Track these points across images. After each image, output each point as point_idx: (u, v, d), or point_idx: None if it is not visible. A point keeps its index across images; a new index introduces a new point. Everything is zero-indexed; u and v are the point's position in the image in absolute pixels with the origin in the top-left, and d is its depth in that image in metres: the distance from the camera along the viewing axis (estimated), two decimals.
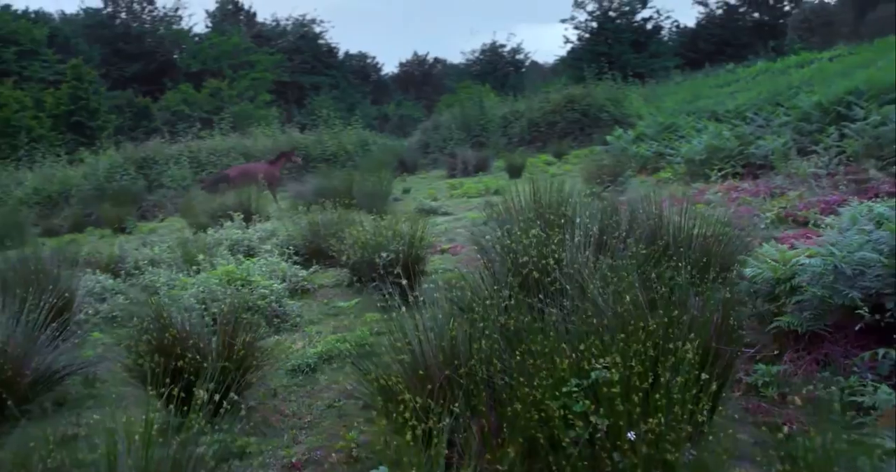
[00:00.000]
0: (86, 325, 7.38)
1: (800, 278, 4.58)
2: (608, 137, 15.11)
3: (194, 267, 8.15)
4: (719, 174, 10.49)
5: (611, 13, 48.09)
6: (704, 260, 5.05)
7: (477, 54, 59.47)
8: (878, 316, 4.24)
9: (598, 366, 3.15)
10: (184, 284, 7.84)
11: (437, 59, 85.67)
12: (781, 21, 53.15)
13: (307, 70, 49.42)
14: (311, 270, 8.15)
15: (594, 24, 48.24)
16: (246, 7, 50.50)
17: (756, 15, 54.84)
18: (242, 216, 10.82)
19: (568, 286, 4.09)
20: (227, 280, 7.40)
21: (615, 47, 45.75)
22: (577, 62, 48.20)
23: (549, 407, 3.11)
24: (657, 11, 48.59)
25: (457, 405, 3.32)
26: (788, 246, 4.99)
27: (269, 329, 6.41)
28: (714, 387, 3.32)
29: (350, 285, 7.88)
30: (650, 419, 2.91)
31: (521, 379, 3.16)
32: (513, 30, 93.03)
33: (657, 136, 13.90)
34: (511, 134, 22.83)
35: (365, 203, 11.80)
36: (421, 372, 3.62)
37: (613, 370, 3.09)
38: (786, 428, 3.92)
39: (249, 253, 9.25)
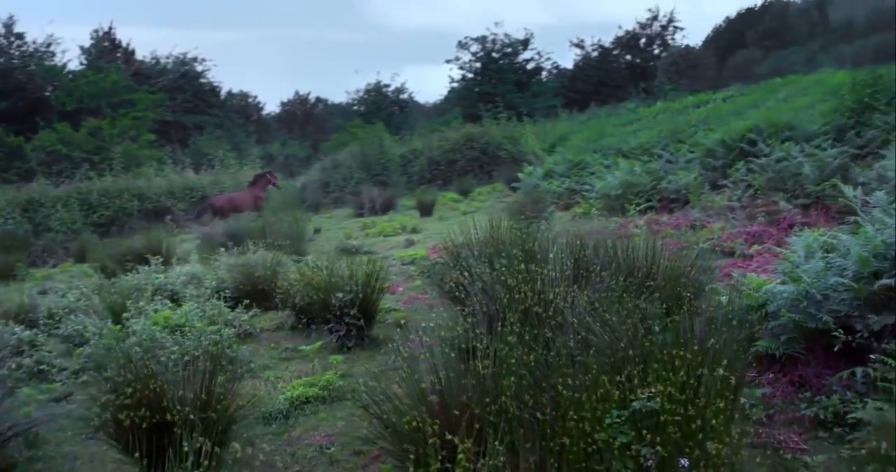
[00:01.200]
0: (8, 381, 6.85)
1: (773, 304, 4.84)
2: (519, 174, 15.49)
3: (125, 314, 7.71)
4: (637, 208, 10.92)
5: (494, 54, 49.51)
6: (676, 290, 5.25)
7: (361, 94, 59.68)
8: (849, 337, 4.52)
9: (641, 396, 3.21)
10: (114, 332, 7.46)
11: (318, 99, 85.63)
12: (652, 64, 56.26)
13: (189, 109, 48.13)
14: (251, 313, 7.87)
15: (478, 65, 49.50)
16: (123, 44, 48.76)
17: (629, 57, 57.87)
18: (161, 260, 10.35)
19: (574, 319, 4.14)
20: (165, 327, 7.08)
21: (499, 87, 47.04)
22: (462, 102, 49.39)
23: (597, 440, 3.13)
24: (538, 53, 50.44)
25: (495, 442, 3.27)
26: (754, 273, 5.27)
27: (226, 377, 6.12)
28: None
29: (294, 328, 7.67)
30: (707, 444, 2.98)
31: (571, 412, 3.17)
32: (397, 70, 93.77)
33: (567, 172, 14.35)
34: (411, 172, 22.99)
35: (282, 243, 11.54)
36: (448, 411, 3.54)
37: (657, 399, 3.16)
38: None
39: (174, 298, 8.84)
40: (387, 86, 59.79)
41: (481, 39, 49.48)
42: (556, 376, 3.51)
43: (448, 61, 49.97)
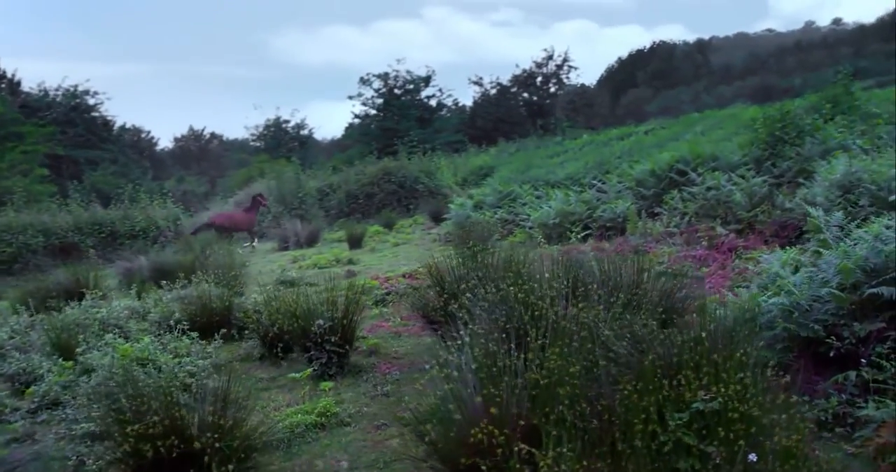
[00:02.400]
0: None
1: (765, 316, 5.14)
2: (451, 206, 15.70)
3: (78, 349, 7.35)
4: (578, 236, 11.28)
5: (396, 90, 50.07)
6: (666, 306, 5.49)
7: (261, 129, 59.05)
8: (839, 344, 4.86)
9: (704, 397, 3.37)
10: (65, 368, 7.15)
11: (213, 135, 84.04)
12: (548, 101, 58.29)
13: (81, 144, 46.26)
14: (215, 344, 7.63)
15: (380, 101, 49.91)
16: (9, 75, 46.54)
17: (526, 95, 59.73)
18: (101, 294, 9.92)
19: (607, 332, 4.27)
20: (129, 361, 6.80)
21: (402, 123, 47.50)
22: (365, 137, 49.56)
23: (667, 441, 3.26)
24: (440, 89, 51.33)
25: (563, 449, 3.34)
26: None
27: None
28: None
29: (263, 358, 7.49)
30: (775, 438, 3.15)
31: (643, 415, 3.28)
32: (301, 106, 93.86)
33: (498, 203, 14.67)
34: (328, 206, 22.87)
35: (219, 276, 11.25)
36: (506, 422, 3.59)
37: (718, 400, 3.33)
38: None
39: (121, 333, 8.48)
40: (287, 122, 59.51)
41: (383, 76, 50.03)
42: (608, 385, 3.63)
43: (351, 97, 50.21)
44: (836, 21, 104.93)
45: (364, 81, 49.74)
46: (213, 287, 8.84)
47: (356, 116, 51.22)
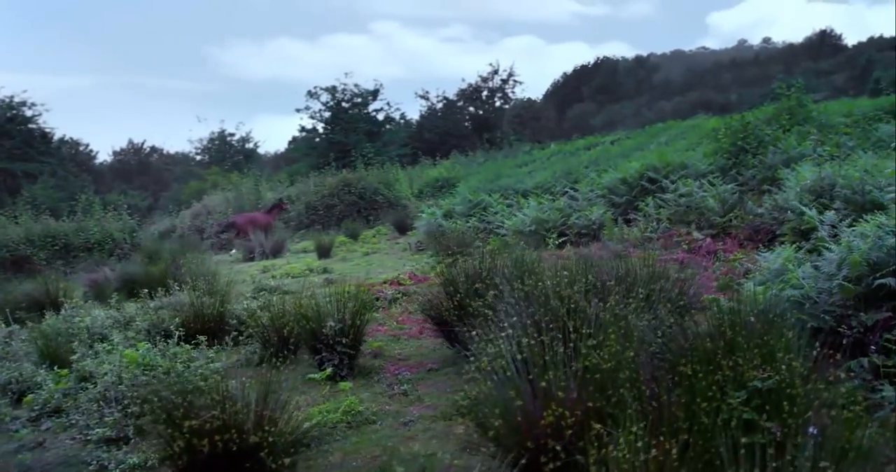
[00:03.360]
0: None
1: (776, 308, 5.40)
2: (423, 214, 15.81)
3: (72, 357, 7.25)
4: (556, 242, 11.53)
5: (344, 104, 49.94)
6: (679, 301, 5.73)
7: (205, 142, 58.27)
8: (848, 332, 5.15)
9: (762, 375, 3.57)
10: (61, 376, 7.07)
11: (154, 148, 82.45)
12: (494, 115, 58.89)
13: (19, 156, 44.90)
14: (214, 350, 7.58)
15: (328, 114, 49.69)
16: None
17: (472, 109, 60.22)
18: (79, 304, 9.73)
19: (646, 321, 4.46)
20: (134, 367, 6.74)
21: (350, 136, 47.40)
22: (312, 151, 49.28)
23: (731, 417, 3.44)
24: (388, 103, 51.38)
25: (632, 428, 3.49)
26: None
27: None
28: None
29: (264, 363, 7.46)
30: (833, 412, 3.36)
31: (709, 393, 3.46)
32: (249, 120, 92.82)
33: (468, 212, 14.86)
34: (287, 217, 22.73)
35: (197, 285, 11.16)
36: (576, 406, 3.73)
37: (776, 377, 3.54)
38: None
39: (110, 341, 8.36)
40: (231, 135, 58.84)
41: (331, 89, 49.85)
42: (661, 369, 3.81)
43: (298, 110, 49.86)
44: (766, 40, 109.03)
45: (312, 95, 49.49)
46: (205, 295, 8.76)
47: (303, 130, 50.89)
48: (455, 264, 7.15)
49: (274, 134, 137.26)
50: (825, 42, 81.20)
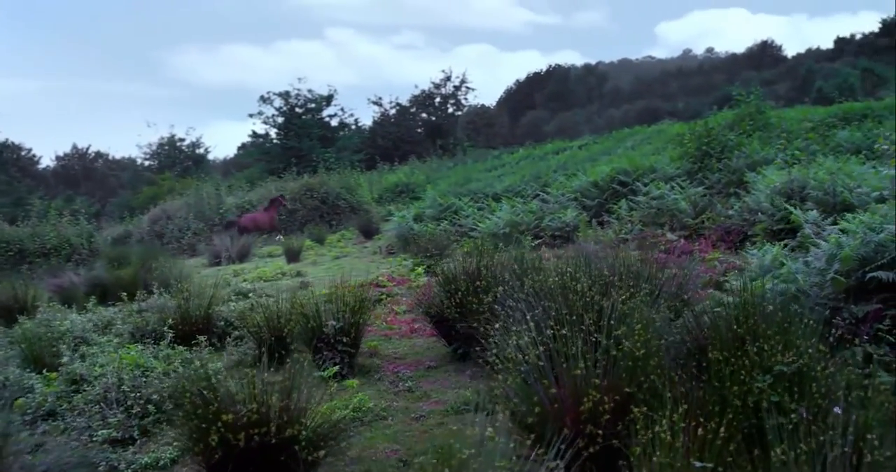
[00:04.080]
0: None
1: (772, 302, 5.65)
2: (393, 218, 15.87)
3: (62, 360, 7.17)
4: (532, 244, 11.72)
5: (297, 109, 49.65)
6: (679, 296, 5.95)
7: (154, 148, 57.24)
8: (842, 323, 5.41)
9: (787, 360, 3.77)
10: (51, 380, 6.99)
11: (99, 153, 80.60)
12: (447, 121, 59.20)
13: None
14: (207, 351, 7.55)
15: (281, 120, 49.32)
16: None
17: (424, 115, 60.42)
18: (60, 306, 9.59)
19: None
20: (131, 368, 6.71)
21: (304, 142, 47.13)
22: (265, 156, 48.88)
23: (761, 399, 3.63)
24: (342, 109, 51.26)
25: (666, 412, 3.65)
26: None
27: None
28: None
29: (258, 363, 7.45)
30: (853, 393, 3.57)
31: (741, 376, 3.64)
32: (202, 125, 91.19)
33: (438, 215, 14.98)
34: None
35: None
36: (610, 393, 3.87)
37: (801, 361, 3.74)
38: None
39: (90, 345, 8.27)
40: (182, 140, 57.94)
41: (284, 95, 49.48)
42: (686, 357, 3.99)
43: (251, 115, 49.34)
44: (709, 50, 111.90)
45: (265, 100, 49.07)
46: (194, 297, 8.71)
47: (256, 135, 50.35)
48: (450, 263, 7.25)
49: (226, 140, 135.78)
50: (766, 52, 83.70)
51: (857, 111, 15.62)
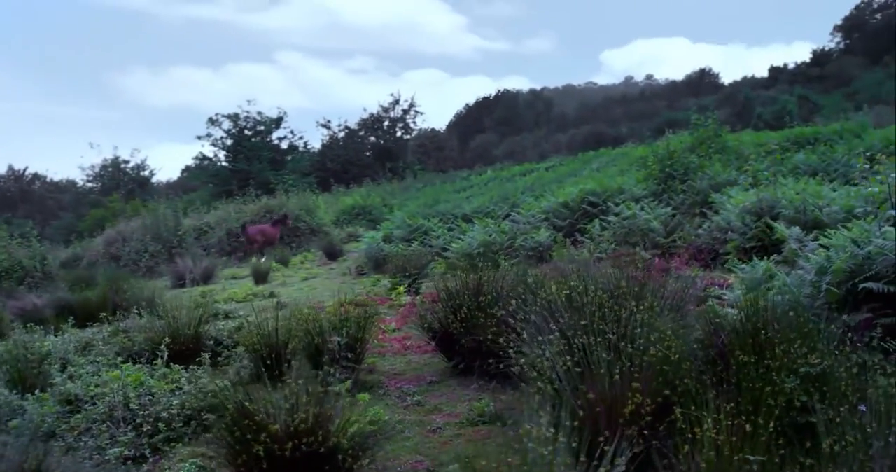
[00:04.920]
0: None
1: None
2: (366, 238, 15.92)
3: (53, 381, 7.10)
4: (510, 263, 11.93)
5: (246, 131, 49.27)
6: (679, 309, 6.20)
7: (97, 170, 56.08)
8: (836, 332, 5.72)
9: (815, 361, 4.02)
10: (43, 400, 6.88)
11: (36, 176, 78.49)
12: (396, 145, 59.49)
13: None
14: (202, 370, 7.51)
15: (230, 142, 48.85)
16: None
17: (373, 139, 60.62)
18: (37, 327, 9.38)
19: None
20: (134, 387, 6.66)
21: (254, 164, 46.76)
22: (214, 179, 48.30)
23: (793, 399, 3.87)
24: (291, 131, 51.09)
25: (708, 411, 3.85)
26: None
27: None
28: None
29: (256, 380, 7.45)
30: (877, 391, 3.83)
31: (774, 376, 3.87)
32: (149, 147, 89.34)
33: (408, 236, 15.11)
34: (208, 244, 22.30)
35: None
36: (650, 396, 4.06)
37: (826, 362, 3.99)
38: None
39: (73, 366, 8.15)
40: (126, 162, 56.91)
41: (233, 117, 49.06)
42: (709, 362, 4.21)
43: (199, 137, 48.75)
44: (649, 77, 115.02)
45: (213, 122, 48.57)
46: (183, 315, 8.64)
47: (204, 157, 49.74)
48: (450, 281, 7.39)
49: (171, 162, 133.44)
50: (704, 80, 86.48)
51: (808, 135, 16.37)
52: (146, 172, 58.29)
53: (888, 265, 5.71)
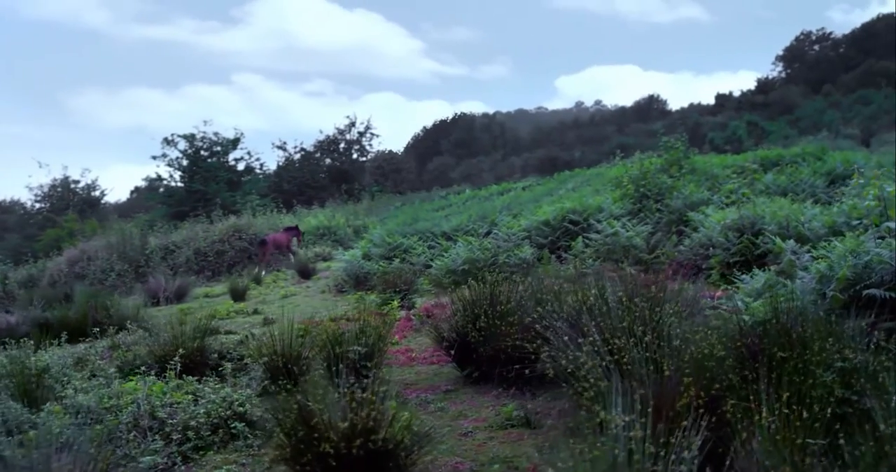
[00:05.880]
0: None
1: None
2: (345, 256, 15.99)
3: (63, 393, 7.11)
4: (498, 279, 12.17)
5: (203, 152, 48.77)
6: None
7: (46, 190, 54.90)
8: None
9: (850, 356, 4.32)
10: (55, 413, 6.87)
11: None
12: (352, 167, 59.52)
13: None
14: (212, 381, 7.55)
15: (186, 162, 48.28)
16: None
17: (329, 161, 60.55)
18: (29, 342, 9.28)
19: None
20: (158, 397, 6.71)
21: (210, 185, 46.28)
22: (168, 199, 47.64)
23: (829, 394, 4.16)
24: (248, 153, 50.73)
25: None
26: None
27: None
28: None
29: (266, 393, 7.51)
30: None
31: (817, 370, 4.16)
32: (96, 167, 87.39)
33: (388, 254, 15.25)
34: (175, 264, 22.07)
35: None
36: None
37: (860, 357, 4.30)
38: None
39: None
40: (76, 182, 55.88)
41: (189, 137, 48.54)
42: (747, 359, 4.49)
43: (154, 157, 48.05)
44: (597, 102, 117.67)
45: (169, 142, 47.93)
46: (188, 329, 8.67)
47: (160, 178, 49.04)
48: (464, 291, 7.60)
49: (125, 183, 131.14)
50: (653, 106, 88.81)
51: (772, 158, 17.07)
52: (97, 193, 57.39)
53: (887, 274, 6.10)
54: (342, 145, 61.63)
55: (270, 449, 4.94)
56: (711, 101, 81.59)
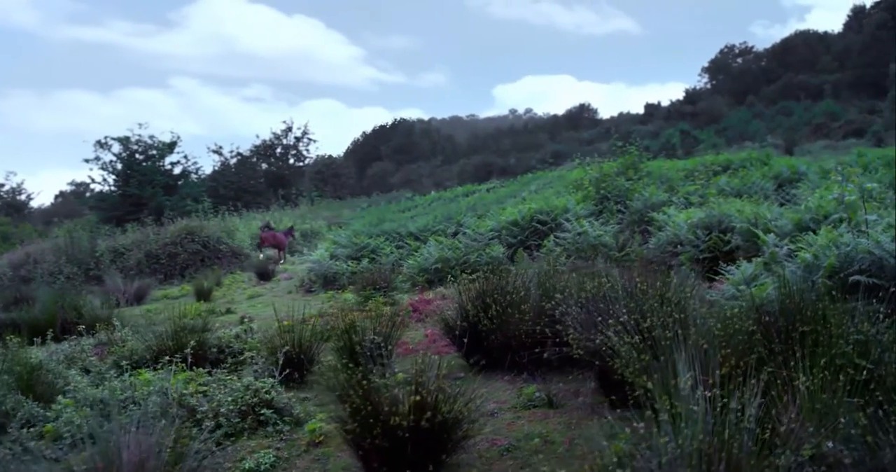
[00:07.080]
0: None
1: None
2: (316, 255, 16.05)
3: (70, 387, 7.19)
4: (469, 278, 12.51)
5: (138, 156, 47.70)
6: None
7: None
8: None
9: (858, 332, 4.81)
10: (67, 406, 6.94)
11: None
12: (288, 172, 59.14)
13: None
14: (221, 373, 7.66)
15: (120, 166, 47.12)
16: None
17: (265, 166, 60.00)
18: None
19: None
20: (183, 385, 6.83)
21: (146, 189, 45.33)
22: (101, 203, 46.39)
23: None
24: (185, 157, 49.85)
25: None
26: None
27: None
28: None
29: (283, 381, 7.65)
30: None
31: (839, 349, 4.62)
32: (25, 171, 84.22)
33: (355, 254, 15.43)
34: (126, 266, 21.67)
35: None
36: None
37: (871, 331, 4.79)
38: None
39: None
40: (1, 186, 54.03)
41: (124, 140, 47.39)
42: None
43: (87, 161, 46.70)
44: (528, 110, 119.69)
45: (102, 145, 46.71)
46: (188, 322, 8.74)
47: (92, 181, 47.78)
48: (475, 282, 7.93)
49: (56, 187, 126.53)
50: (584, 114, 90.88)
51: (720, 163, 17.94)
52: (22, 197, 55.57)
53: (869, 262, 6.68)
54: (279, 150, 61.21)
55: (334, 425, 5.14)
56: (641, 110, 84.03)
